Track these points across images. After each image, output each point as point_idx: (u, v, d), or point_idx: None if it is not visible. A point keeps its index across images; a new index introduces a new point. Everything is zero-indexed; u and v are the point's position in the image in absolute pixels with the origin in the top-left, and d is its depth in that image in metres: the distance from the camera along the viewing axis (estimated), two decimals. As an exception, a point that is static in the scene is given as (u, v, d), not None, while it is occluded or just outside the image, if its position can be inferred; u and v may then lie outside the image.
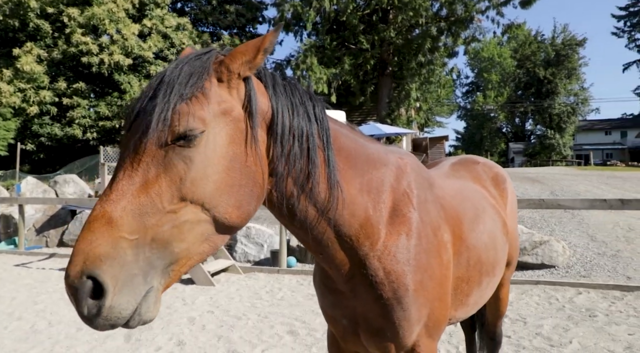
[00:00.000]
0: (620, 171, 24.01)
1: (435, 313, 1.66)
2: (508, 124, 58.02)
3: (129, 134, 1.19)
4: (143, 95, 1.21)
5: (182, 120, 1.15)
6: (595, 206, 6.16)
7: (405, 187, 1.67)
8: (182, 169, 1.15)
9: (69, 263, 1.05)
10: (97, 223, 1.07)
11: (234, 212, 1.25)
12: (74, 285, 1.04)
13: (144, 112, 1.17)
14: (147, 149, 1.14)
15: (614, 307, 5.25)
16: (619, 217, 9.57)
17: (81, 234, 1.07)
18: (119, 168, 1.16)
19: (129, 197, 1.10)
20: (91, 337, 4.68)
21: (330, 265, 1.56)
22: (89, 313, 1.04)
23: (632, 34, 57.95)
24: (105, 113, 21.54)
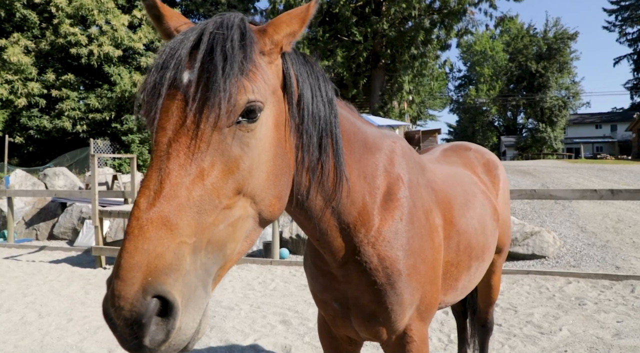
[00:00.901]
0: (610, 164, 24.27)
1: (427, 296, 1.66)
2: (500, 118, 58.31)
3: (168, 114, 0.99)
4: (178, 64, 1.01)
5: (245, 96, 1.01)
6: (586, 196, 6.22)
7: (399, 172, 1.65)
8: (239, 156, 1.02)
9: (120, 283, 0.83)
10: (152, 227, 0.87)
11: (276, 204, 1.15)
12: (134, 310, 0.82)
13: (195, 86, 0.99)
14: (203, 131, 0.97)
15: (602, 295, 5.32)
16: (608, 208, 9.68)
17: (131, 243, 0.86)
18: (163, 156, 0.96)
19: (184, 192, 0.93)
20: (82, 327, 4.65)
21: (326, 250, 1.54)
22: (153, 342, 0.84)
23: (623, 28, 58.36)
24: (95, 105, 21.23)
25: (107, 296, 0.86)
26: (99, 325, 4.69)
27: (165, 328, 0.85)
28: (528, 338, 4.10)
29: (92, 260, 7.77)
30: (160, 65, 1.02)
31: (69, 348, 4.15)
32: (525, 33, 49.59)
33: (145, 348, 0.84)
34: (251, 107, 1.02)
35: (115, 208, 7.94)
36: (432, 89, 38.32)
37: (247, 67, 1.03)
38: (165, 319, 0.85)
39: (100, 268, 7.44)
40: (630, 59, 59.62)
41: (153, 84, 1.01)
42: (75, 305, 5.43)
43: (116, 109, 21.68)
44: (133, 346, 0.85)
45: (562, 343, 3.94)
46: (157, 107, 0.99)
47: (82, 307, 5.35)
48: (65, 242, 10.01)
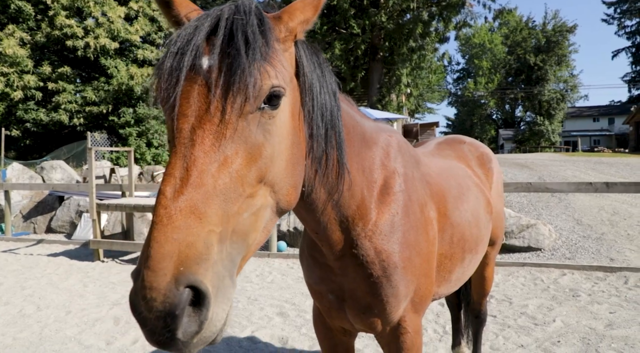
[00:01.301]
0: (607, 157, 24.35)
1: (422, 288, 1.68)
2: (498, 111, 58.30)
3: (189, 100, 0.97)
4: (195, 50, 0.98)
5: (269, 81, 1.01)
6: (582, 189, 6.26)
7: (395, 166, 1.66)
8: (261, 143, 1.01)
9: (151, 273, 0.80)
10: (181, 216, 0.85)
11: (293, 193, 1.15)
12: (167, 301, 0.79)
13: (217, 71, 0.97)
14: (228, 117, 0.96)
15: (596, 287, 5.38)
16: (604, 201, 9.73)
17: (161, 232, 0.84)
18: (187, 143, 0.94)
19: (210, 180, 0.91)
20: (80, 320, 4.68)
21: (324, 243, 1.54)
22: (186, 334, 0.82)
23: (622, 21, 58.15)
24: (92, 98, 21.13)
25: (135, 288, 0.84)
26: (97, 318, 4.73)
27: (198, 319, 0.83)
28: (522, 329, 4.15)
29: (90, 254, 7.79)
30: (176, 51, 1.00)
31: (68, 340, 4.18)
32: (524, 26, 49.46)
33: (178, 342, 0.82)
34: (275, 93, 1.02)
35: (113, 201, 7.95)
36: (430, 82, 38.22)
37: (268, 52, 1.02)
38: (198, 310, 0.84)
39: (98, 262, 7.47)
40: (628, 52, 59.49)
41: (170, 70, 0.99)
42: (74, 298, 5.46)
43: (113, 102, 21.58)
44: (165, 340, 0.82)
45: (555, 334, 3.99)
46: (177, 93, 0.97)
47: (80, 300, 5.38)
48: (63, 236, 10.03)
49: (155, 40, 24.13)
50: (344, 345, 1.96)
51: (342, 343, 1.96)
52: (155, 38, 24.13)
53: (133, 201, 7.77)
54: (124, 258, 7.78)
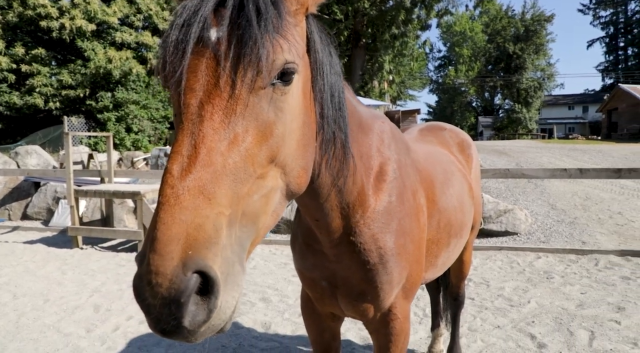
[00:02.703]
0: (580, 144, 25.00)
1: (413, 275, 1.70)
2: (478, 98, 59.00)
3: (197, 74, 0.92)
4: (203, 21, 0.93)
5: (282, 56, 0.96)
6: (556, 175, 6.44)
7: (390, 152, 1.65)
8: (273, 121, 0.97)
9: (157, 257, 0.76)
10: (189, 196, 0.81)
11: (303, 176, 1.10)
12: (173, 287, 0.75)
13: (227, 44, 0.92)
14: (239, 92, 0.91)
15: (569, 269, 5.58)
16: (577, 186, 10.04)
17: (167, 213, 0.79)
18: (195, 119, 0.89)
19: (219, 158, 0.86)
20: (59, 308, 4.62)
21: (322, 230, 1.52)
22: (193, 323, 0.77)
23: (597, 12, 59.36)
24: (69, 81, 20.51)
25: (140, 273, 0.79)
26: (76, 306, 4.67)
27: (206, 307, 0.79)
28: (499, 310, 4.29)
29: (69, 241, 7.66)
30: (182, 23, 0.94)
31: (46, 328, 4.13)
32: (503, 14, 49.90)
33: (184, 330, 0.77)
34: (288, 69, 0.97)
35: (92, 187, 7.80)
36: (412, 69, 38.42)
37: (281, 25, 0.96)
38: (206, 297, 0.79)
39: (77, 249, 7.35)
40: (602, 42, 60.92)
41: (175, 43, 0.93)
42: (52, 286, 5.37)
43: (91, 85, 21.00)
44: (170, 328, 0.77)
45: (530, 315, 4.14)
46: (184, 67, 0.91)
47: (58, 288, 5.30)
48: (40, 222, 9.81)
49: (134, 22, 23.47)
50: (331, 330, 1.99)
51: (330, 329, 1.98)
52: (134, 20, 23.47)
53: (112, 187, 7.64)
54: (104, 245, 7.68)
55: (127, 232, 7.36)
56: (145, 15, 24.00)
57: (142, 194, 6.83)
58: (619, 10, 58.51)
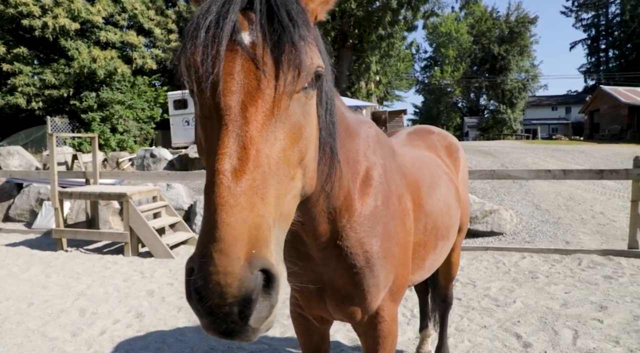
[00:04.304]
0: (563, 144, 25.45)
1: (399, 278, 1.72)
2: (463, 99, 59.61)
3: (234, 76, 0.93)
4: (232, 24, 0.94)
5: (316, 61, 1.00)
6: (541, 176, 6.56)
7: (375, 157, 1.67)
8: (303, 124, 1.00)
9: (224, 257, 0.76)
10: (246, 196, 0.82)
11: (314, 179, 1.13)
12: (243, 286, 0.76)
13: (262, 48, 0.94)
14: (278, 96, 0.94)
15: (553, 269, 5.68)
16: (561, 187, 10.22)
17: (229, 214, 0.80)
18: (238, 120, 0.90)
19: (265, 160, 0.89)
20: (43, 312, 4.55)
21: (309, 234, 1.52)
22: (257, 320, 0.79)
23: (579, 14, 60.55)
24: (52, 81, 20.15)
25: (203, 275, 0.78)
26: (61, 309, 4.60)
27: (268, 303, 0.81)
28: (485, 310, 4.35)
29: (53, 243, 7.53)
30: (209, 25, 0.94)
31: (30, 333, 4.06)
32: (488, 16, 50.49)
33: (249, 329, 0.79)
34: (318, 73, 1.01)
35: (77, 189, 7.69)
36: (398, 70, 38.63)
37: (310, 31, 1.00)
38: (268, 294, 0.81)
39: (62, 251, 7.23)
40: (584, 44, 62.18)
41: (205, 45, 0.93)
42: (36, 289, 5.28)
43: (74, 85, 20.66)
44: (235, 328, 0.78)
45: (515, 314, 4.21)
46: (220, 69, 0.92)
47: (43, 291, 5.22)
48: (23, 225, 9.62)
49: (119, 21, 23.17)
50: (320, 333, 2.01)
51: (318, 331, 2.00)
52: (118, 19, 23.18)
53: (98, 189, 7.54)
54: (89, 247, 7.57)
55: (113, 234, 7.27)
56: (130, 14, 23.71)
57: (129, 196, 6.75)
58: (600, 13, 59.77)
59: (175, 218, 7.66)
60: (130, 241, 6.86)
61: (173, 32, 26.01)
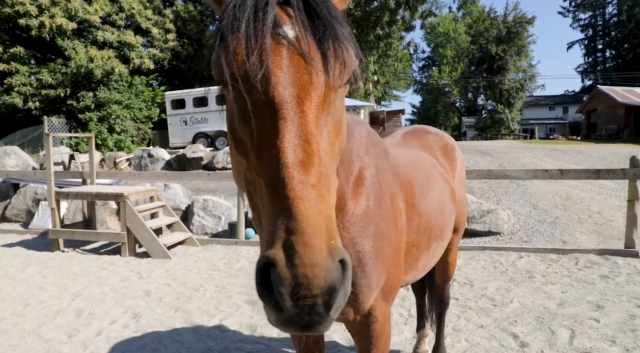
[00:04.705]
0: (561, 144, 25.50)
1: (392, 278, 1.72)
2: (461, 99, 59.65)
3: (284, 70, 0.93)
4: (273, 19, 0.94)
5: (358, 57, 1.03)
6: (538, 176, 6.58)
7: (368, 157, 1.68)
8: (341, 118, 1.02)
9: (310, 250, 0.76)
10: (317, 189, 0.84)
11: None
12: (329, 277, 0.77)
13: (307, 43, 0.95)
14: (327, 90, 0.95)
15: (550, 268, 5.69)
16: (558, 186, 10.24)
17: (307, 207, 0.80)
18: (296, 113, 0.90)
19: (323, 152, 0.91)
20: (39, 313, 4.53)
21: None
22: (337, 309, 0.80)
23: (576, 14, 60.74)
24: (49, 81, 20.08)
25: (290, 267, 0.77)
26: (57, 310, 4.59)
27: (344, 292, 0.82)
28: (482, 310, 4.35)
29: (49, 243, 7.51)
30: (248, 18, 0.94)
31: (26, 334, 4.04)
32: (486, 16, 50.51)
33: (328, 319, 0.79)
34: (355, 70, 1.03)
35: (74, 189, 7.66)
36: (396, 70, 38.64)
37: (348, 28, 1.02)
38: (342, 284, 0.81)
39: (58, 252, 7.21)
40: (581, 44, 62.37)
41: (246, 38, 0.93)
42: (32, 290, 5.26)
43: (71, 85, 20.60)
44: (317, 319, 0.78)
45: (512, 314, 4.21)
46: (269, 63, 0.91)
47: (39, 292, 5.20)
48: (19, 225, 9.58)
49: (116, 21, 23.11)
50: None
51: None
52: (116, 19, 23.12)
53: (95, 189, 7.52)
54: (86, 247, 7.55)
55: (110, 234, 7.25)
56: (127, 14, 23.66)
57: (126, 196, 6.74)
58: (597, 13, 59.91)
59: (173, 218, 7.64)
60: (127, 241, 6.85)
61: (170, 32, 25.96)
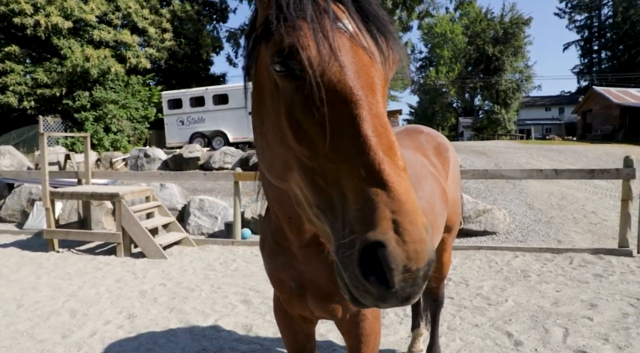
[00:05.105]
0: (557, 144, 25.59)
1: None
2: (458, 99, 59.80)
3: (354, 63, 0.98)
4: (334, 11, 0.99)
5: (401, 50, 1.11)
6: (533, 176, 6.60)
7: None
8: None
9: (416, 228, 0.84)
10: (406, 173, 0.92)
11: None
12: (430, 250, 0.86)
13: (369, 38, 1.01)
14: (385, 83, 1.01)
15: (545, 267, 5.72)
16: (554, 186, 10.29)
17: (408, 193, 0.87)
18: (375, 110, 0.95)
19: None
20: (33, 313, 4.51)
21: (294, 229, 1.54)
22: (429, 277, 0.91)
23: (572, 16, 61.06)
24: (44, 80, 20.01)
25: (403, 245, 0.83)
26: (52, 311, 4.57)
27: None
28: (477, 309, 4.36)
29: (44, 244, 7.47)
30: (310, 11, 0.97)
31: (19, 335, 4.02)
32: (483, 17, 50.65)
33: (423, 288, 0.88)
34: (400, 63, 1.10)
35: (69, 189, 7.64)
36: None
37: None
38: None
39: (53, 252, 7.18)
40: (577, 45, 62.72)
41: (314, 30, 0.95)
42: (26, 291, 5.24)
43: (67, 84, 20.54)
44: (417, 291, 0.86)
45: (507, 313, 4.23)
46: (340, 55, 0.95)
47: (33, 293, 5.17)
48: (14, 225, 9.54)
49: (113, 20, 23.04)
50: (304, 332, 2.00)
51: (303, 331, 1.99)
52: (112, 18, 23.06)
53: (90, 189, 7.49)
54: (81, 248, 7.52)
55: (106, 235, 7.23)
56: (124, 13, 23.60)
57: (121, 196, 6.72)
58: (593, 15, 60.23)
59: (169, 218, 7.63)
60: (122, 242, 6.83)
61: (167, 31, 25.90)
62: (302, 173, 1.01)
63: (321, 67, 0.95)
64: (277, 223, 1.64)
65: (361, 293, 0.87)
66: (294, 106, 1.01)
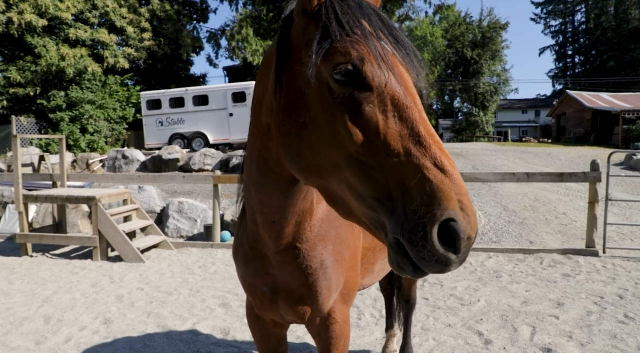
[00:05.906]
0: (532, 147, 26.24)
1: (350, 281, 1.81)
2: (438, 102, 60.64)
3: (403, 74, 1.14)
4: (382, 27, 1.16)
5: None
6: (506, 179, 6.80)
7: None
8: None
9: (470, 204, 1.01)
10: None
11: None
12: (478, 222, 1.05)
13: (408, 56, 1.18)
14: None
15: (517, 268, 5.90)
16: (528, 188, 10.58)
17: (459, 176, 1.03)
18: (420, 110, 1.12)
19: None
20: (5, 320, 4.43)
21: (274, 234, 1.57)
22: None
23: (548, 21, 62.70)
24: (17, 79, 19.49)
25: (466, 219, 0.98)
26: (25, 317, 4.50)
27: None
28: (450, 310, 4.49)
29: (17, 248, 7.32)
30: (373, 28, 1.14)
31: (-7, 341, 3.96)
32: (462, 21, 51.53)
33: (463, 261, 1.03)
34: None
35: (43, 192, 7.50)
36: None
37: None
38: None
39: (26, 257, 7.04)
40: (552, 50, 64.43)
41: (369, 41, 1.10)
42: (-1, 296, 5.14)
43: (42, 84, 20.05)
44: (467, 256, 1.03)
45: (479, 313, 4.36)
46: (396, 68, 1.12)
47: (5, 299, 5.08)
48: (-14, 229, 9.30)
49: (90, 19, 22.59)
50: (276, 336, 2.05)
51: (275, 335, 2.05)
52: (89, 17, 22.60)
53: (65, 192, 7.37)
54: (56, 252, 7.39)
55: (82, 238, 7.13)
56: (101, 12, 23.17)
57: (98, 199, 6.64)
58: (567, 21, 61.99)
59: (147, 221, 7.56)
60: (99, 245, 6.74)
61: (146, 31, 25.54)
62: (357, 170, 1.09)
63: (384, 79, 1.08)
64: (254, 228, 1.67)
65: (429, 264, 0.99)
66: (353, 111, 1.10)
